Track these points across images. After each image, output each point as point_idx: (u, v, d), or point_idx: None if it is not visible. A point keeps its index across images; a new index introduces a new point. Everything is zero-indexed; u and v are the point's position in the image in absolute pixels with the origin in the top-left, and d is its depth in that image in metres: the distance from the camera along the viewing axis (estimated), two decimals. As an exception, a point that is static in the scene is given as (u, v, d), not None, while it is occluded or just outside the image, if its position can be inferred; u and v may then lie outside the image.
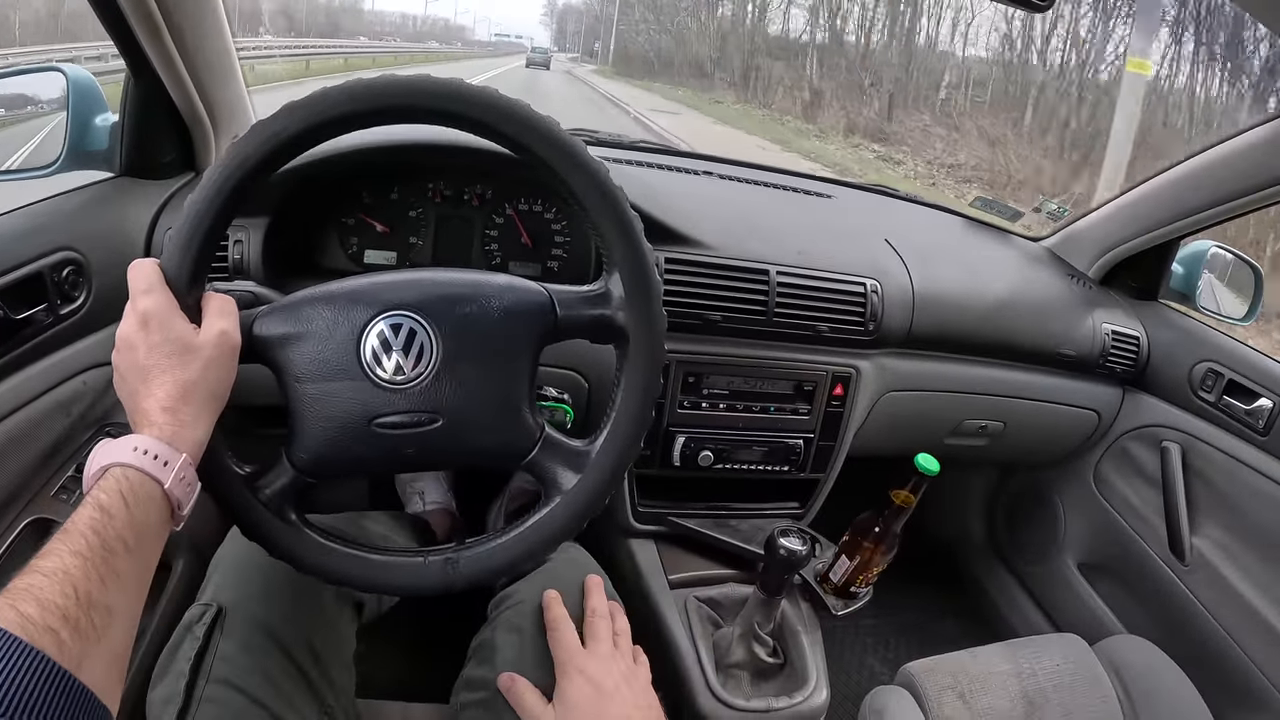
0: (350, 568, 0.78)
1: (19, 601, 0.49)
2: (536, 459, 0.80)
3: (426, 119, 0.74)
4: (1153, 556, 1.59)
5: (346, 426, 0.75)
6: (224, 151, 0.72)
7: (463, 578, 0.79)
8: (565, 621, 0.90)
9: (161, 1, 1.00)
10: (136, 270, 0.71)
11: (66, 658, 0.49)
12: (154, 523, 0.62)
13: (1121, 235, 1.65)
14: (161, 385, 0.67)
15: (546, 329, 0.79)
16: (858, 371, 1.36)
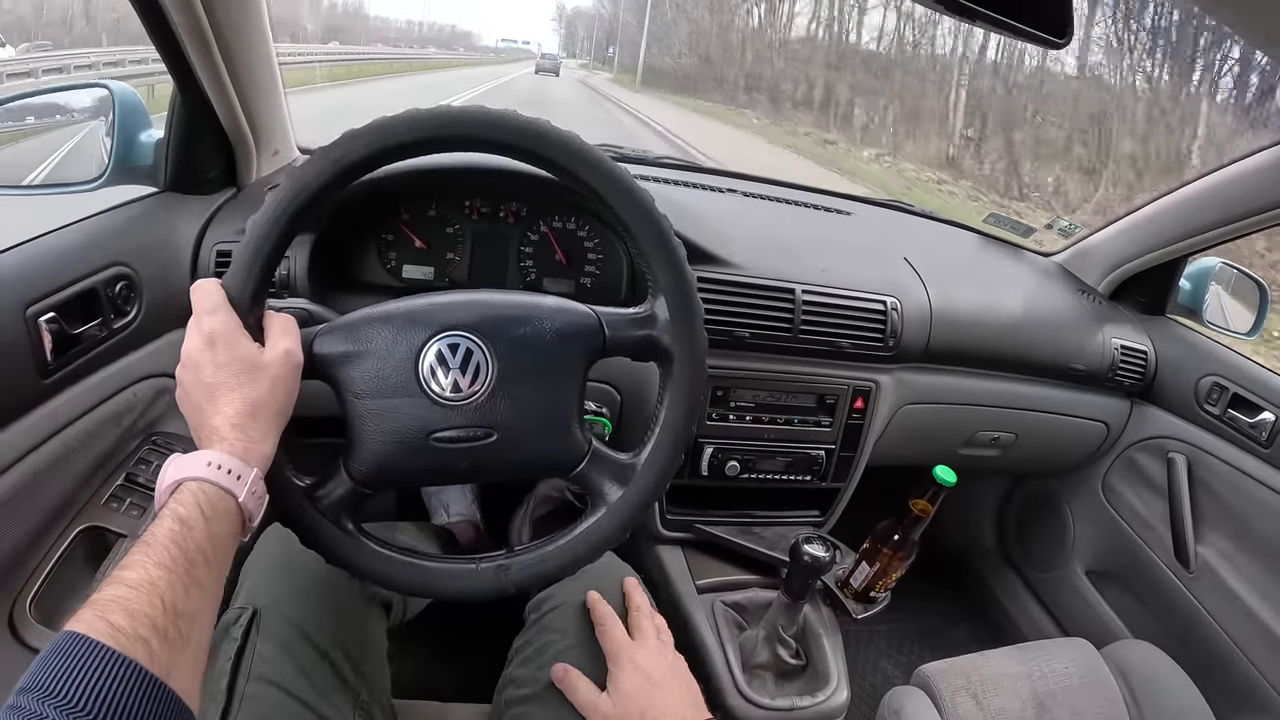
0: (407, 574, 0.82)
1: (108, 613, 0.52)
2: (584, 471, 0.84)
3: (481, 148, 0.78)
4: (1159, 564, 1.63)
5: (404, 441, 0.78)
6: (286, 176, 0.75)
7: (514, 583, 0.83)
8: (612, 617, 0.96)
9: (214, 23, 1.04)
10: (200, 290, 0.74)
11: (157, 666, 0.51)
12: (229, 534, 0.64)
13: (1131, 252, 1.68)
14: (230, 402, 0.69)
15: (595, 349, 0.83)
16: (877, 385, 1.41)
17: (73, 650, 0.49)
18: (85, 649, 0.49)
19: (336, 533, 0.80)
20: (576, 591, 1.04)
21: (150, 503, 1.04)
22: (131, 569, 0.55)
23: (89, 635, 0.50)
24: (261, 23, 1.15)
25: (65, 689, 0.47)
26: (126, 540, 1.00)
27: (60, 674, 0.48)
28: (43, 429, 0.93)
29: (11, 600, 0.89)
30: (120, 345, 1.06)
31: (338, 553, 0.81)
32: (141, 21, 1.01)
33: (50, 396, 0.94)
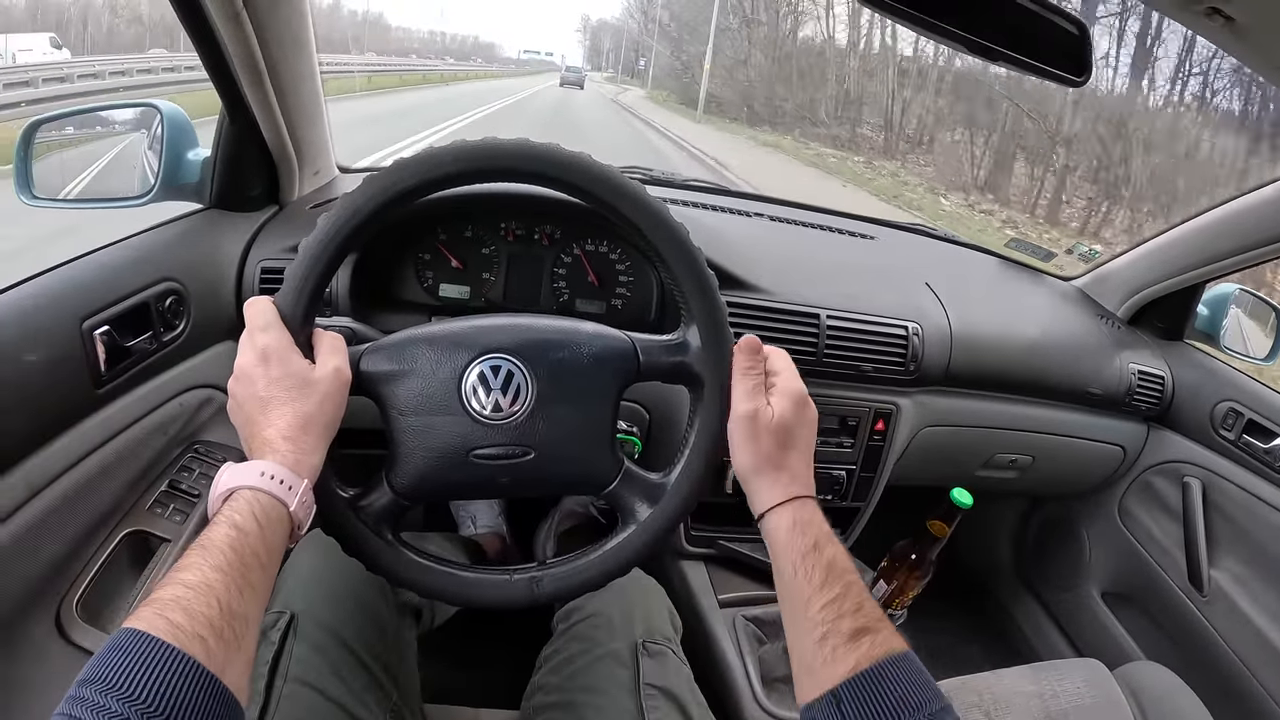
0: (444, 583, 0.84)
1: (168, 611, 0.54)
2: (616, 490, 0.87)
3: (525, 180, 0.81)
4: (1173, 587, 1.65)
5: (446, 456, 0.81)
6: (338, 202, 0.78)
7: (546, 594, 0.85)
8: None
9: (268, 56, 1.08)
10: (254, 308, 0.76)
11: (213, 663, 0.53)
12: (280, 541, 0.67)
13: (1150, 277, 1.70)
14: (282, 416, 0.72)
15: (629, 373, 0.86)
16: (898, 408, 1.44)
17: (134, 646, 0.51)
18: (146, 645, 0.51)
19: (377, 542, 0.83)
20: (605, 604, 1.07)
21: (192, 509, 1.08)
22: (189, 571, 0.58)
23: (149, 632, 0.52)
24: (310, 52, 1.19)
25: (126, 682, 0.49)
26: (170, 545, 1.03)
27: (121, 668, 0.50)
28: (95, 436, 0.96)
29: (59, 600, 0.91)
30: (168, 357, 1.09)
31: (378, 561, 0.83)
32: (198, 51, 1.06)
33: (102, 406, 0.98)
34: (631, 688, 0.98)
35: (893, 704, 0.63)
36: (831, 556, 0.74)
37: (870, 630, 0.68)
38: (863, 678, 0.65)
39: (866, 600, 0.72)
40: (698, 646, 1.21)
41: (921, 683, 0.65)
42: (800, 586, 0.74)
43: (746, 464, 0.82)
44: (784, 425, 0.81)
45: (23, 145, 1.19)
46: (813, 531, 0.76)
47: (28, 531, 0.85)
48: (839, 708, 0.65)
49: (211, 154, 1.23)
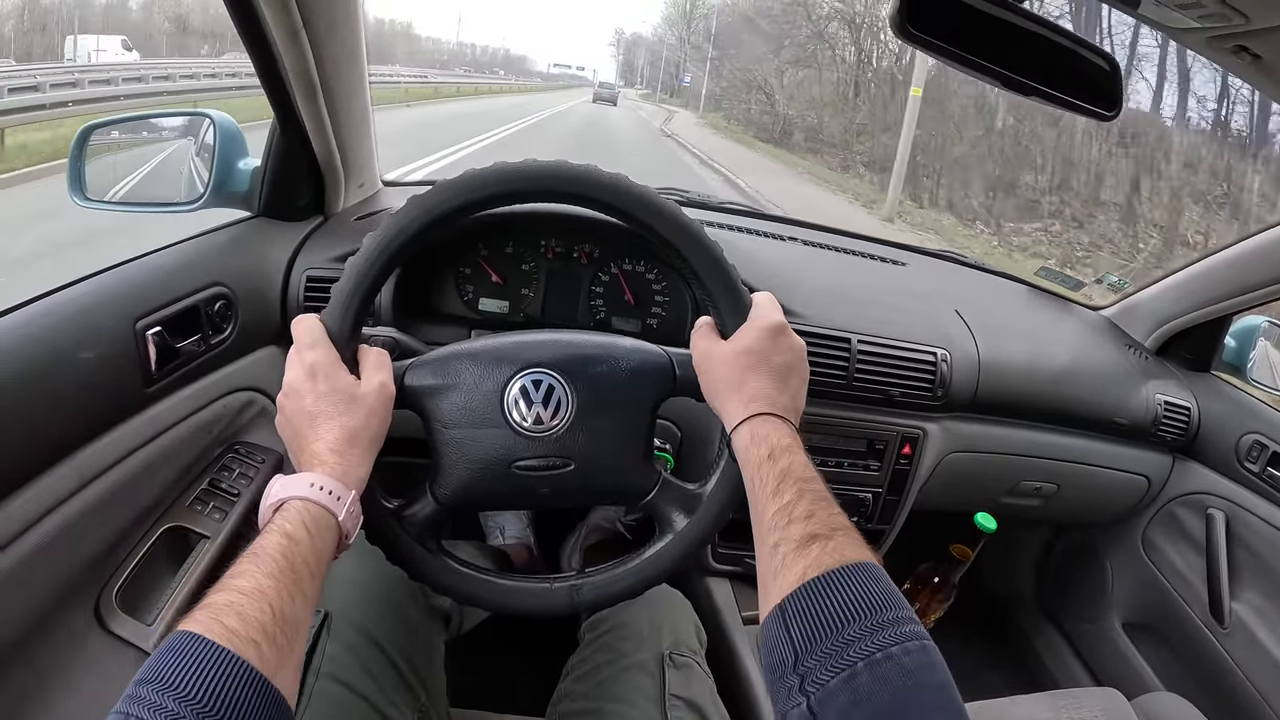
0: (486, 591, 0.87)
1: (223, 616, 0.55)
2: (654, 500, 0.89)
3: (563, 200, 0.83)
4: (1193, 618, 1.64)
5: (489, 468, 0.84)
6: (383, 222, 0.81)
7: (585, 602, 0.88)
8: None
9: (323, 72, 1.11)
10: (302, 325, 0.79)
11: (266, 667, 0.55)
12: (328, 550, 0.69)
13: (1179, 309, 1.70)
14: (330, 430, 0.74)
15: (666, 388, 0.88)
16: (925, 433, 1.45)
17: (190, 649, 0.53)
18: (202, 648, 0.53)
19: (421, 551, 0.85)
20: (632, 615, 1.09)
21: (231, 507, 1.10)
22: (242, 577, 0.59)
23: (205, 635, 0.54)
24: (362, 70, 1.22)
25: (183, 683, 0.51)
26: (208, 541, 1.05)
27: (178, 669, 0.52)
28: (143, 433, 0.99)
29: (99, 590, 0.94)
30: (215, 360, 1.12)
31: (421, 569, 0.86)
32: (255, 65, 1.09)
33: (151, 404, 1.00)
34: (657, 698, 0.99)
35: (836, 613, 0.59)
36: (787, 465, 0.73)
37: (821, 536, 0.65)
38: (809, 587, 0.61)
39: (822, 507, 0.69)
40: (721, 661, 1.22)
41: (875, 591, 0.60)
42: (757, 497, 0.74)
43: (708, 394, 0.85)
44: (745, 351, 0.82)
45: (77, 148, 1.22)
46: (769, 443, 0.76)
47: (76, 521, 0.87)
48: (783, 619, 0.61)
49: (261, 164, 1.26)
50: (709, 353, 0.84)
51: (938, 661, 0.57)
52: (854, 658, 0.55)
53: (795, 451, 0.75)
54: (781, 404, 0.81)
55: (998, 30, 0.87)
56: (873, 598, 0.60)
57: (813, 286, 1.44)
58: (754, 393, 0.80)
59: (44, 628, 0.85)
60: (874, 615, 0.58)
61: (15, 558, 0.79)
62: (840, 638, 0.57)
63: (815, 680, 0.56)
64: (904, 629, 0.57)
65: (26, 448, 0.82)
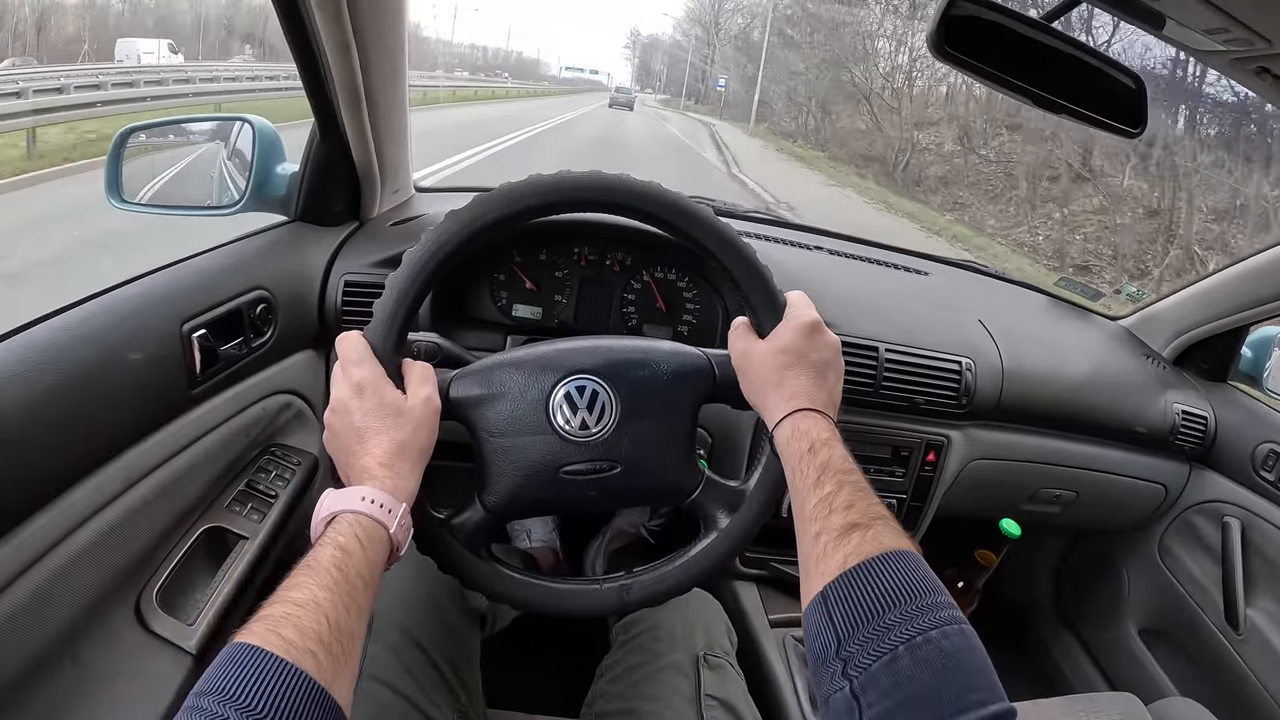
0: (539, 595, 0.88)
1: (280, 628, 0.56)
2: (699, 499, 0.90)
3: (600, 210, 0.85)
4: (1209, 625, 1.65)
5: (536, 474, 0.85)
6: (423, 237, 0.82)
7: (635, 601, 0.89)
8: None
9: (367, 82, 1.13)
10: (346, 343, 0.80)
11: (324, 677, 0.55)
12: (381, 562, 0.70)
13: (1196, 319, 1.71)
14: (379, 444, 0.76)
15: (706, 388, 0.89)
16: (949, 440, 1.46)
17: (249, 660, 0.54)
18: (260, 659, 0.54)
19: (471, 559, 0.87)
20: (665, 617, 1.11)
21: (268, 509, 1.12)
22: (298, 590, 0.60)
23: (263, 647, 0.55)
24: (403, 79, 1.24)
25: (242, 693, 0.52)
26: (246, 542, 1.07)
27: (238, 679, 0.52)
28: (187, 435, 1.00)
29: (140, 588, 0.95)
30: (256, 363, 1.14)
31: (474, 576, 0.87)
32: (301, 74, 1.11)
33: (195, 405, 1.02)
34: (692, 698, 1.01)
35: (877, 599, 0.60)
36: (827, 458, 0.75)
37: (861, 526, 0.67)
38: (850, 575, 0.63)
39: (861, 497, 0.70)
40: (748, 663, 1.23)
41: (914, 578, 0.62)
42: (798, 489, 0.75)
43: (749, 392, 0.87)
44: (783, 350, 0.84)
45: (116, 150, 1.24)
46: (810, 437, 0.77)
47: (122, 521, 0.89)
48: (826, 607, 0.63)
49: (300, 169, 1.28)
50: (747, 352, 0.86)
51: (976, 645, 0.58)
52: (895, 642, 0.57)
53: (835, 445, 0.77)
54: (820, 399, 0.83)
55: (1029, 50, 0.90)
56: (912, 584, 0.61)
57: (841, 294, 1.46)
58: (794, 389, 0.82)
59: (87, 625, 0.87)
60: (913, 601, 0.60)
61: (64, 555, 0.81)
62: (881, 623, 0.59)
63: (858, 664, 0.57)
64: (943, 613, 0.59)
65: (79, 447, 0.84)
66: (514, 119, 22.54)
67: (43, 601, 0.79)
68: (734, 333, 0.89)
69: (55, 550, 0.80)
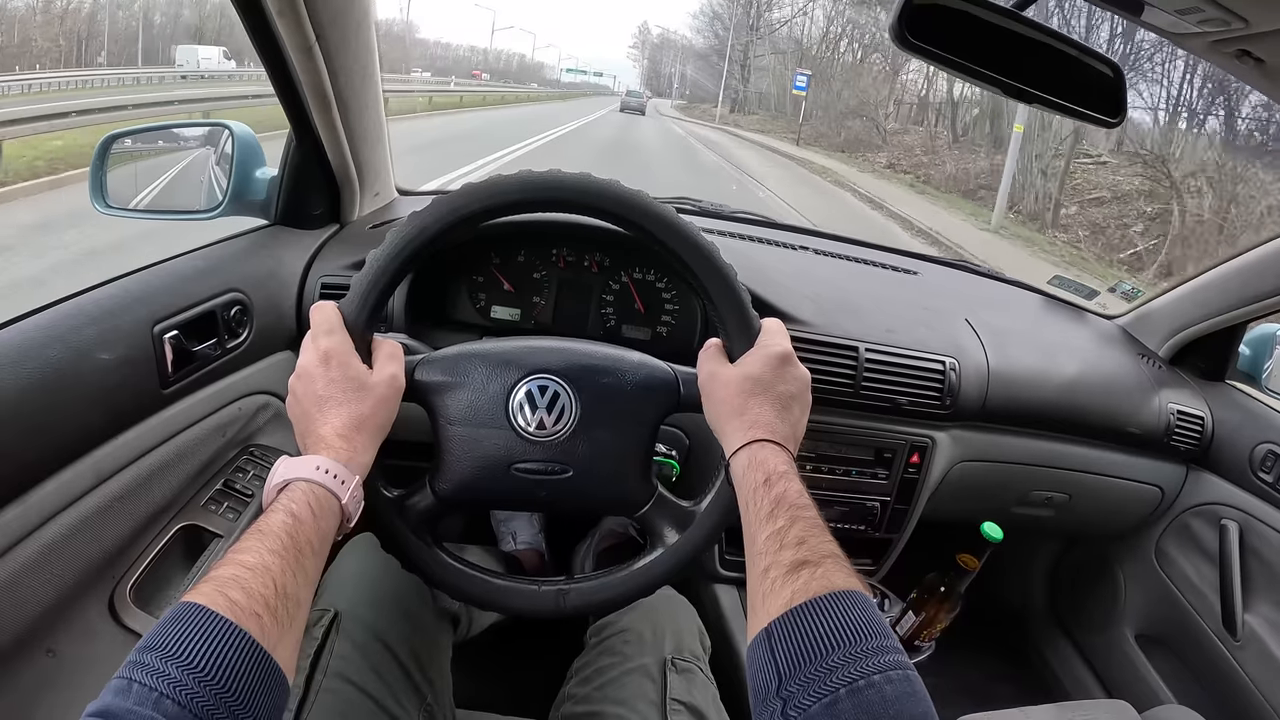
0: (476, 587, 0.88)
1: (227, 589, 0.57)
2: (648, 514, 0.90)
3: (586, 213, 0.85)
4: (1206, 630, 1.62)
5: (488, 467, 0.85)
6: (406, 219, 0.83)
7: (571, 607, 0.89)
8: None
9: (336, 85, 1.14)
10: (320, 312, 0.81)
11: (267, 640, 0.56)
12: (331, 530, 0.70)
13: (1192, 317, 1.69)
14: (339, 415, 0.76)
15: (670, 404, 0.89)
16: (933, 442, 1.45)
17: (194, 619, 0.54)
18: (205, 618, 0.54)
19: (416, 542, 0.87)
20: (637, 620, 1.10)
21: (244, 508, 1.12)
22: (247, 553, 0.61)
23: (209, 606, 0.55)
24: (375, 82, 1.25)
25: (186, 651, 0.52)
26: (221, 540, 1.07)
27: (182, 637, 0.53)
28: (159, 434, 1.01)
29: (113, 585, 0.96)
30: (231, 363, 1.14)
31: (415, 559, 0.87)
32: (270, 78, 1.12)
33: (167, 405, 1.03)
34: (658, 702, 1.00)
35: (821, 639, 0.59)
36: (781, 491, 0.74)
37: (810, 563, 0.65)
38: (795, 613, 0.62)
39: (813, 534, 0.69)
40: (725, 668, 1.22)
41: (861, 619, 0.60)
42: (750, 520, 0.74)
43: (710, 416, 0.86)
44: (749, 378, 0.83)
45: (99, 157, 1.25)
46: (766, 469, 0.76)
47: (93, 516, 0.90)
48: (769, 644, 0.62)
49: (278, 174, 1.29)
50: (715, 375, 0.86)
51: (920, 691, 0.57)
52: (836, 684, 0.56)
53: (790, 479, 0.76)
54: (781, 432, 0.82)
55: (999, 39, 0.89)
56: (857, 625, 0.60)
57: (821, 295, 1.45)
58: (755, 419, 0.82)
59: (61, 618, 0.88)
60: (858, 643, 0.58)
61: (34, 548, 0.82)
62: (824, 664, 0.57)
63: (798, 705, 0.56)
64: (887, 658, 0.58)
65: (48, 443, 0.84)
66: (474, 138, 17.32)
67: (14, 592, 0.80)
68: (704, 353, 0.89)
69: (25, 542, 0.81)
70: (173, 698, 0.50)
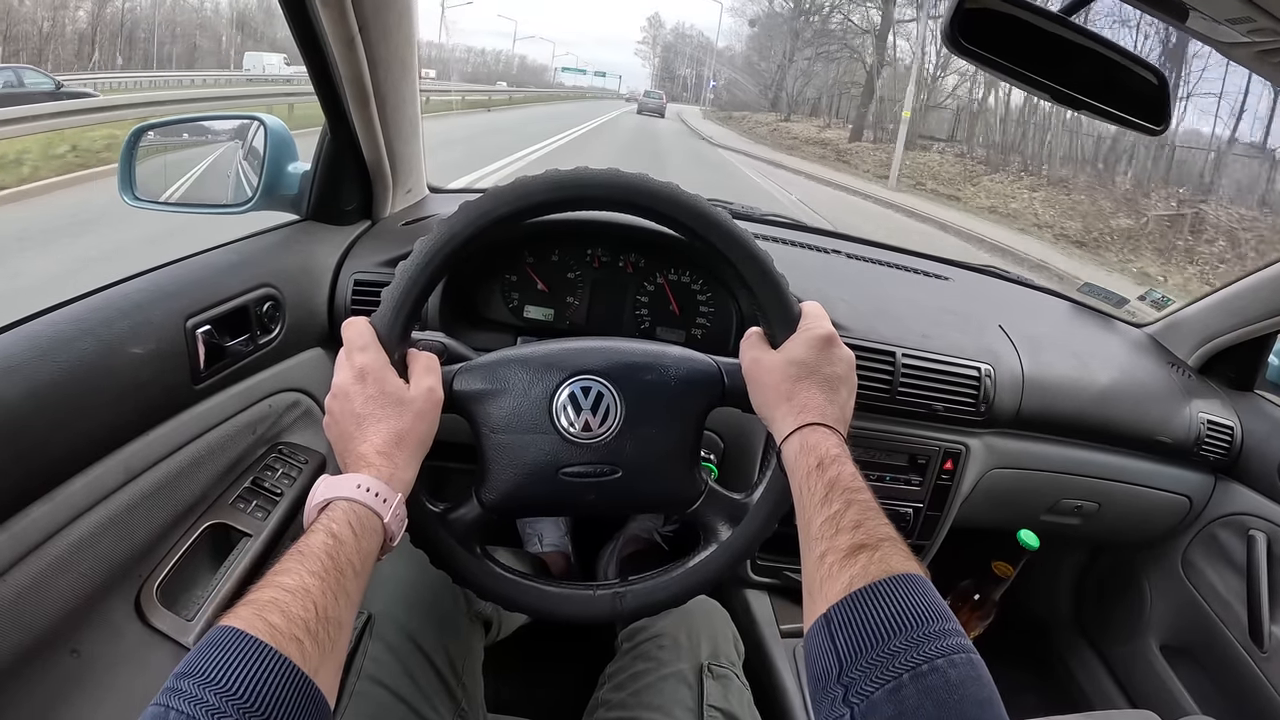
0: (530, 597, 0.87)
1: (267, 613, 0.56)
2: (700, 509, 0.89)
3: (617, 209, 0.83)
4: (1232, 641, 1.61)
5: (535, 473, 0.84)
6: (436, 227, 0.81)
7: (629, 610, 0.87)
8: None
9: (375, 79, 1.12)
10: (352, 328, 0.80)
11: (308, 664, 0.55)
12: (373, 551, 0.69)
13: (1222, 326, 1.68)
14: (378, 432, 0.75)
15: (714, 397, 0.88)
16: (967, 449, 1.43)
17: (232, 644, 0.53)
18: (244, 644, 0.53)
19: (465, 555, 0.86)
20: (671, 625, 1.09)
21: (273, 506, 1.11)
22: (287, 575, 0.60)
23: (248, 631, 0.54)
24: (413, 76, 1.23)
25: (224, 677, 0.51)
26: (250, 539, 1.06)
27: (219, 663, 0.52)
28: (190, 430, 1.00)
29: (140, 583, 0.95)
30: (262, 360, 1.13)
31: (466, 573, 0.86)
32: (309, 71, 1.11)
33: (199, 401, 1.02)
34: (694, 708, 0.99)
35: (882, 624, 0.58)
36: (835, 474, 0.73)
37: (868, 547, 0.65)
38: (855, 598, 0.61)
39: (869, 517, 0.68)
40: (758, 674, 1.21)
41: (922, 603, 0.60)
42: (804, 506, 0.73)
43: (757, 403, 0.85)
44: (795, 361, 0.82)
45: (128, 149, 1.24)
46: (819, 452, 0.76)
47: (121, 514, 0.89)
48: (829, 630, 0.61)
49: (311, 168, 1.28)
50: (759, 361, 0.84)
51: (984, 675, 0.57)
52: (899, 669, 0.55)
53: (844, 461, 0.75)
54: (831, 414, 0.81)
55: (1049, 45, 0.88)
56: (919, 609, 0.59)
57: (857, 299, 1.44)
58: (804, 403, 0.80)
59: (86, 617, 0.87)
60: (920, 627, 0.58)
61: (63, 545, 0.81)
62: (886, 649, 0.57)
63: (860, 691, 0.56)
64: (950, 641, 0.57)
65: (77, 439, 0.83)
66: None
67: (41, 590, 0.79)
68: (746, 341, 0.88)
69: (53, 540, 0.80)
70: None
